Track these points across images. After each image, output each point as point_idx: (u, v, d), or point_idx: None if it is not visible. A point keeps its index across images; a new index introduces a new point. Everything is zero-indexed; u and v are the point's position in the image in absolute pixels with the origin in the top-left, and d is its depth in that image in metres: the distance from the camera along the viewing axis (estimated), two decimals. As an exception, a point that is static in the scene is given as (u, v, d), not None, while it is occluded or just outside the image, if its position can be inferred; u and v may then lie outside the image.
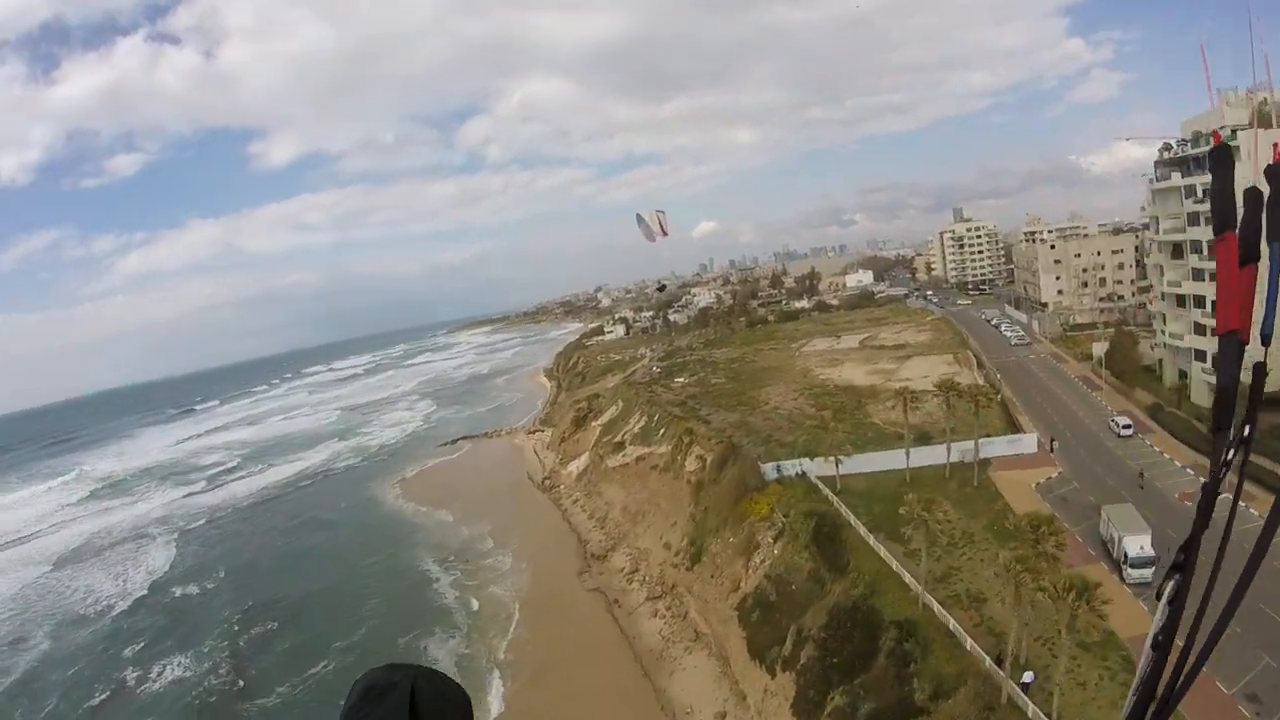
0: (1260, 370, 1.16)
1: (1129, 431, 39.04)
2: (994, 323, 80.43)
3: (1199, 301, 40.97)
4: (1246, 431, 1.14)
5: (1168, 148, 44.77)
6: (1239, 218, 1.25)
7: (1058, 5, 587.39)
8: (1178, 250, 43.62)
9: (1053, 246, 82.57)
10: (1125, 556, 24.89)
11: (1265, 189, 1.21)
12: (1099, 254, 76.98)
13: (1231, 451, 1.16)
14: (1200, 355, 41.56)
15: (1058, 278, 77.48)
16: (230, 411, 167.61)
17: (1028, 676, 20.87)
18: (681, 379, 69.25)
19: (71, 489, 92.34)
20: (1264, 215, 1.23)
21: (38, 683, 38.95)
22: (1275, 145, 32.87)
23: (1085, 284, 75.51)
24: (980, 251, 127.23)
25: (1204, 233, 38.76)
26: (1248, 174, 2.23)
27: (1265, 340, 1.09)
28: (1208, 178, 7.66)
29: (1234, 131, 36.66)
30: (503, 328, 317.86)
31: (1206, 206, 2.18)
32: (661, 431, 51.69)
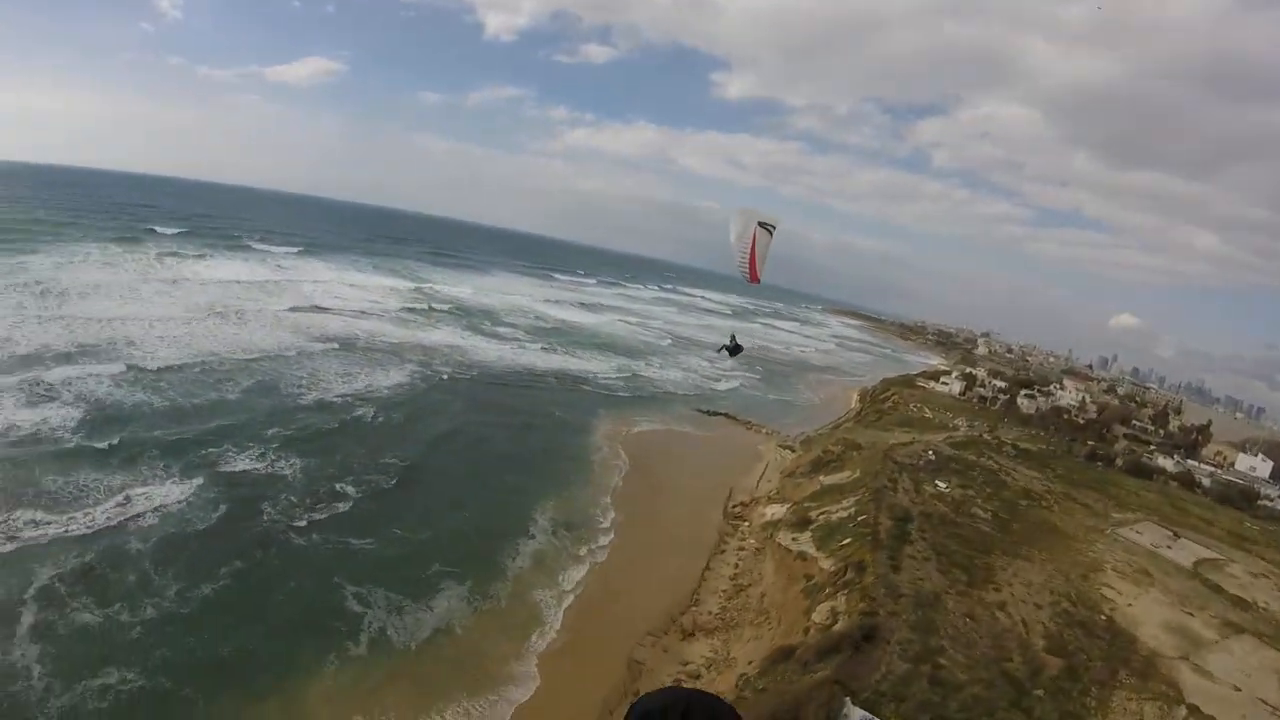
0: None
1: None
2: None
3: None
4: None
5: None
6: None
7: None
8: None
9: None
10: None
11: None
12: None
13: None
14: None
15: None
16: (590, 290, 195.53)
17: None
18: (945, 484, 55.21)
19: (401, 295, 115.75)
20: None
21: (187, 424, 47.72)
22: None
23: None
24: None
25: None
26: None
27: None
28: None
29: None
30: (873, 330, 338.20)
31: None
32: (844, 542, 41.54)
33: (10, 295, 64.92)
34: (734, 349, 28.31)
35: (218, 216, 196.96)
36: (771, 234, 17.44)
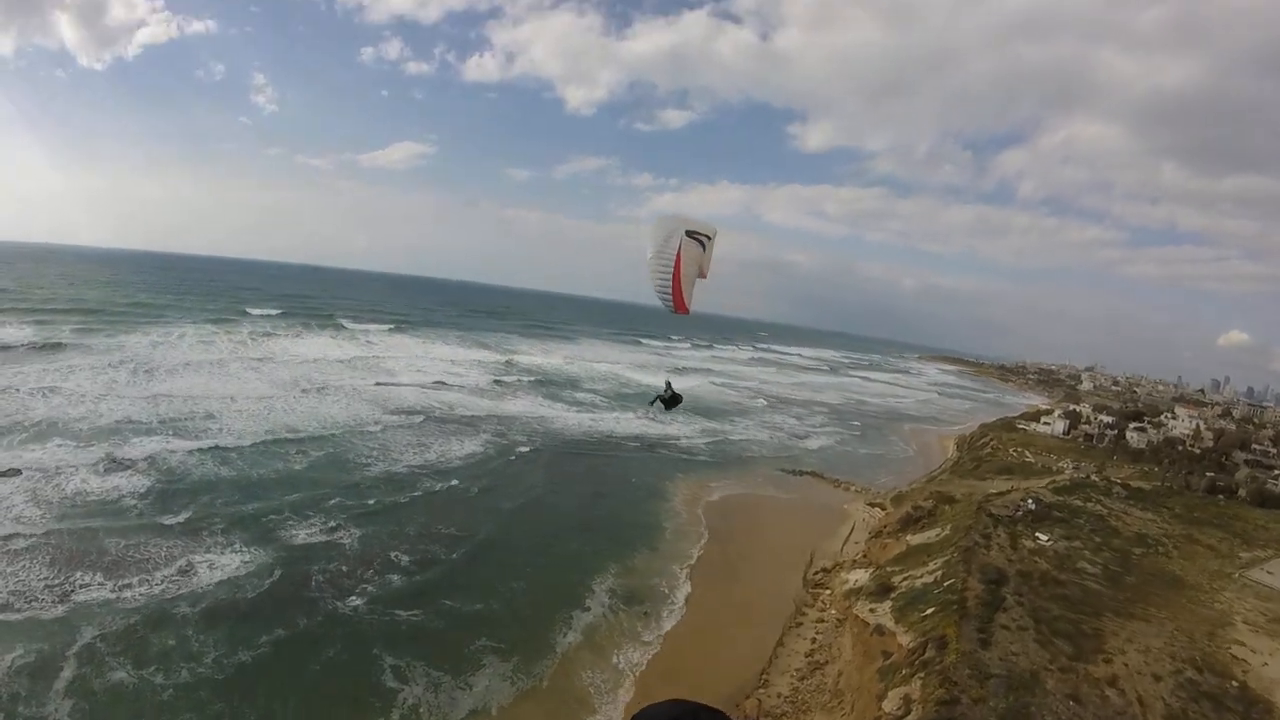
0: None
1: None
2: None
3: None
4: None
5: None
6: None
7: None
8: None
9: None
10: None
11: None
12: None
13: None
14: None
15: None
16: (680, 354, 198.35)
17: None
18: (1046, 536, 50.84)
19: (486, 367, 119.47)
20: None
21: (253, 495, 49.81)
22: None
23: None
24: None
25: None
26: None
27: None
28: None
29: None
30: (971, 374, 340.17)
31: None
32: (926, 613, 38.63)
33: (105, 373, 70.99)
34: (670, 400, 23.88)
35: (314, 297, 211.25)
36: (705, 247, 14.14)
